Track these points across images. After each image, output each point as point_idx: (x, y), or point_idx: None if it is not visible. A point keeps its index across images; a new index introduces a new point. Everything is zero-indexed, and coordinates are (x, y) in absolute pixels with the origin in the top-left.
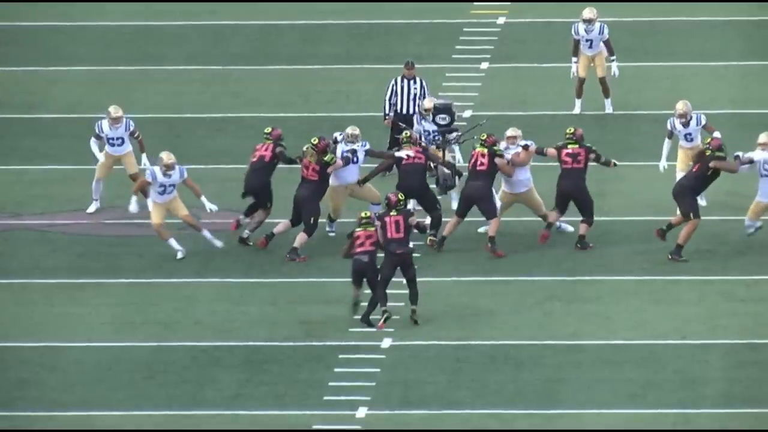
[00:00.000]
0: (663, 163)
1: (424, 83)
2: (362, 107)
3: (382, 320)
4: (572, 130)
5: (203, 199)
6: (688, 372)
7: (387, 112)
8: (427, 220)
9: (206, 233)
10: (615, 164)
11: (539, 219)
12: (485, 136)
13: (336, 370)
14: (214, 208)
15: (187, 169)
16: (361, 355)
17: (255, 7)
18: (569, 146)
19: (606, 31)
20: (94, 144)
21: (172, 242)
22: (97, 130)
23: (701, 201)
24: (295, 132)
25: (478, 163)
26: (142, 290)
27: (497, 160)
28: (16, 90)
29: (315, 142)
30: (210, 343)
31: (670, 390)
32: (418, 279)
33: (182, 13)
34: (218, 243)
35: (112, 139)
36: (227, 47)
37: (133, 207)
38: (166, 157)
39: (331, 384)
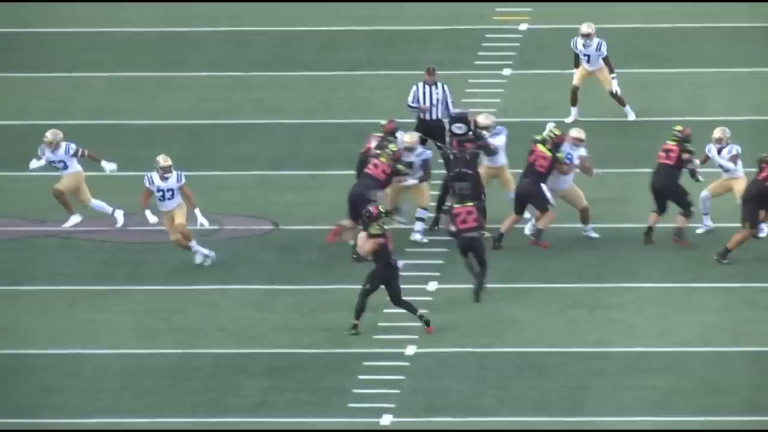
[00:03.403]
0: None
1: (446, 89)
2: (385, 113)
3: (351, 332)
4: (680, 128)
5: (197, 211)
6: (712, 380)
7: (419, 107)
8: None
9: (194, 245)
10: (698, 179)
11: (562, 226)
12: (558, 132)
13: (360, 377)
14: (206, 222)
15: (185, 175)
16: (385, 363)
17: (276, 13)
18: (668, 141)
19: (604, 48)
20: (33, 163)
21: (194, 245)
22: (39, 153)
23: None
24: (317, 138)
25: (538, 164)
26: (165, 297)
27: (557, 166)
28: (38, 96)
29: (394, 149)
30: (234, 350)
31: (694, 398)
32: (442, 286)
33: (203, 20)
34: (210, 254)
35: (53, 162)
36: (249, 53)
37: (152, 219)
38: (163, 160)
39: (355, 391)
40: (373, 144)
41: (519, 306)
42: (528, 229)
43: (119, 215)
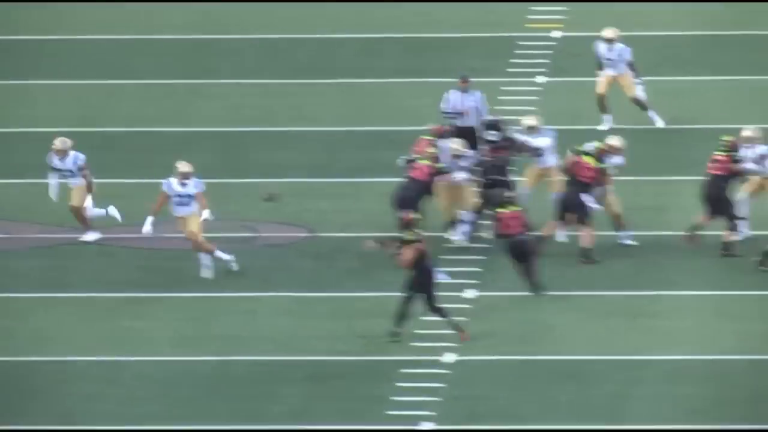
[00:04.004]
0: None
1: (480, 96)
2: (421, 121)
3: (392, 339)
4: (729, 138)
5: (206, 211)
6: (751, 388)
7: (450, 116)
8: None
9: (218, 253)
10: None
11: (600, 234)
12: (603, 146)
13: (397, 384)
14: (210, 216)
15: (203, 182)
16: (423, 370)
17: (312, 21)
18: (717, 152)
19: (627, 53)
20: (51, 179)
21: (202, 257)
22: (47, 160)
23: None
24: (353, 146)
25: (583, 174)
26: (203, 304)
27: (600, 177)
28: (72, 103)
29: (434, 152)
30: (272, 357)
31: (733, 406)
32: (482, 293)
33: (239, 27)
34: (231, 258)
35: (61, 170)
36: (284, 61)
37: (147, 228)
38: (182, 166)
39: (392, 399)
40: (422, 146)
41: (557, 314)
42: (561, 237)
43: (113, 211)
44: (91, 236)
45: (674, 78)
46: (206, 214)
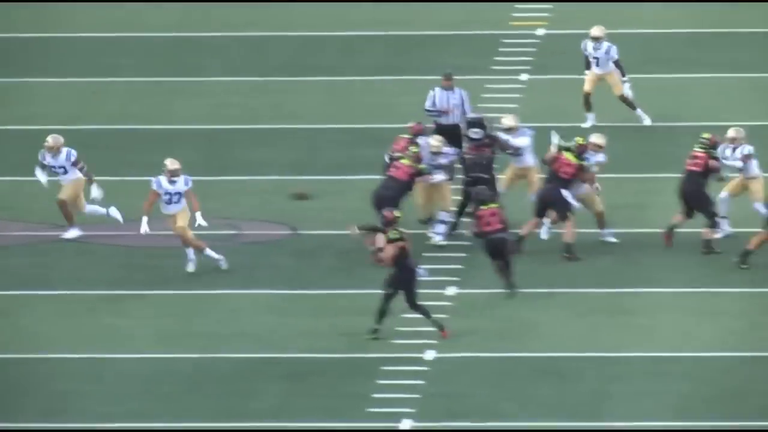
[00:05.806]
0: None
1: (464, 94)
2: (403, 119)
3: (371, 336)
4: (708, 136)
5: (198, 214)
6: (732, 385)
7: (434, 114)
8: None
9: (209, 251)
10: (722, 178)
11: (581, 231)
12: (582, 141)
13: (378, 381)
14: (204, 223)
15: (194, 180)
16: (404, 367)
17: (294, 19)
18: (696, 149)
19: (614, 51)
20: (38, 172)
21: (189, 252)
22: (40, 158)
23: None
24: (335, 144)
25: (562, 171)
26: (184, 302)
27: (580, 174)
28: (55, 102)
29: (416, 151)
30: (253, 354)
31: (714, 402)
32: (461, 291)
33: (222, 25)
34: (221, 258)
35: (54, 167)
36: (267, 58)
37: (144, 228)
38: (170, 163)
39: (374, 396)
40: (401, 145)
41: (538, 311)
42: (544, 234)
43: (114, 212)
44: (71, 234)
45: (658, 75)
46: (200, 219)
